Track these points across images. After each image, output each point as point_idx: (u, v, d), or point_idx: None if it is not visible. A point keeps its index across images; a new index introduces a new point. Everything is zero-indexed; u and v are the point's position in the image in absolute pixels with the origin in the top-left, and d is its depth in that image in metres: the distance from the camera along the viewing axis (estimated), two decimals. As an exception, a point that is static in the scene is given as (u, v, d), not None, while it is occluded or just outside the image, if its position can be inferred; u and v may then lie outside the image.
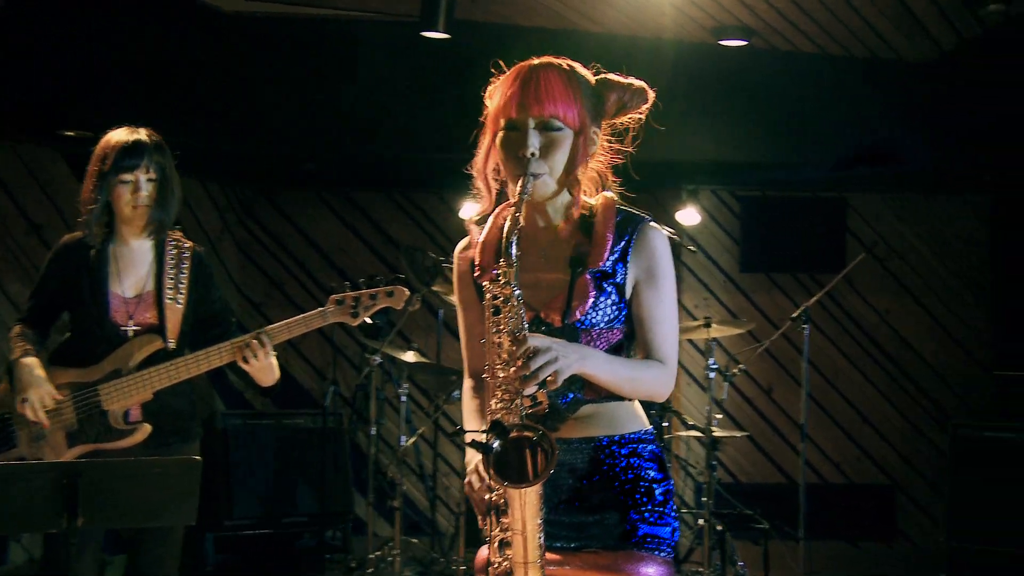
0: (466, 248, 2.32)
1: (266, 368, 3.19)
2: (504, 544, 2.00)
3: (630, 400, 2.20)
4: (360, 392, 6.62)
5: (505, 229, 2.02)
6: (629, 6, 5.57)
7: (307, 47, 6.15)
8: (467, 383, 2.35)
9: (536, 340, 1.95)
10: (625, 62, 2.25)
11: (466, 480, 2.12)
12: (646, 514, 2.14)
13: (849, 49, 6.02)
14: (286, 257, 7.40)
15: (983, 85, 6.15)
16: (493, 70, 2.25)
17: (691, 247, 6.37)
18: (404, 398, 5.98)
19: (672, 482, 2.21)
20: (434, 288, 5.55)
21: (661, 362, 2.16)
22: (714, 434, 5.39)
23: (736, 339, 6.67)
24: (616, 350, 2.17)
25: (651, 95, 2.24)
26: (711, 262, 7.28)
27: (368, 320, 3.18)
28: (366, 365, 5.96)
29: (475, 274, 2.24)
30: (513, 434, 1.93)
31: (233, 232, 7.46)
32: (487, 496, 2.03)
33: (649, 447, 2.21)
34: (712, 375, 5.54)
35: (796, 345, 6.80)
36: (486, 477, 2.00)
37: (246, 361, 3.13)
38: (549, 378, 1.95)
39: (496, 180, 2.24)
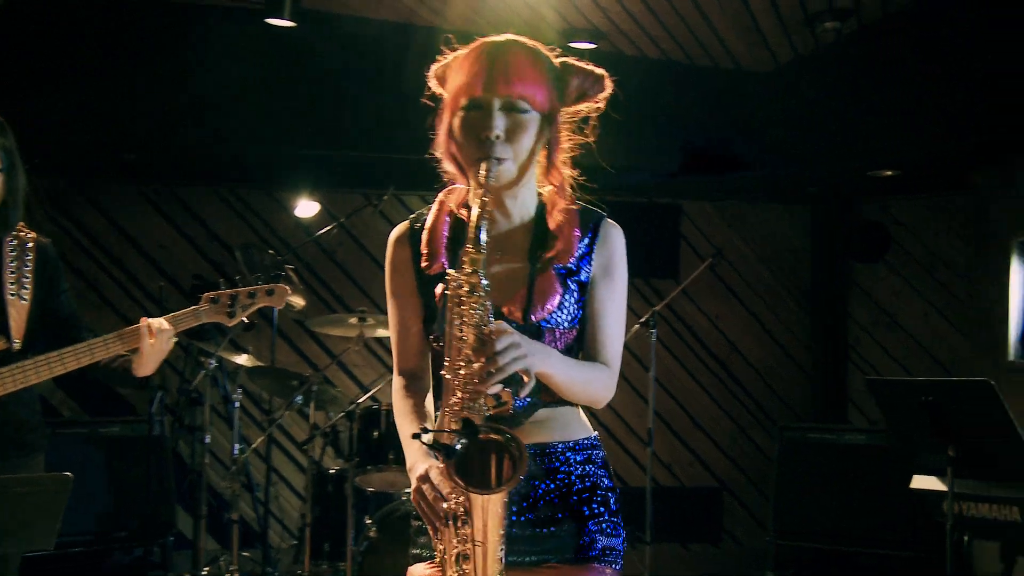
0: (405, 235, 2.14)
1: (164, 353, 2.91)
2: (462, 557, 1.83)
3: (576, 405, 2.08)
4: (183, 398, 6.24)
5: (473, 215, 1.85)
6: (480, 4, 5.47)
7: (130, 25, 5.73)
8: (397, 382, 2.17)
9: (505, 334, 1.80)
10: None
11: (414, 488, 1.93)
12: (603, 524, 2.03)
13: (692, 57, 6.11)
14: (102, 255, 6.88)
15: (812, 99, 6.38)
16: (445, 49, 2.08)
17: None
18: (237, 404, 5.65)
19: (619, 489, 2.10)
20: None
21: (607, 365, 2.05)
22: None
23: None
24: (569, 351, 2.04)
25: (609, 85, 2.09)
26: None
27: (246, 320, 2.93)
28: (198, 368, 5.59)
29: (421, 264, 2.06)
30: (482, 436, 1.77)
31: (40, 228, 6.87)
32: (444, 505, 1.84)
33: (601, 454, 2.10)
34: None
35: (632, 350, 6.85)
36: (444, 483, 1.83)
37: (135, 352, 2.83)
38: (524, 377, 1.81)
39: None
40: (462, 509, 1.81)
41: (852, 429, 6.65)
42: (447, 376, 1.85)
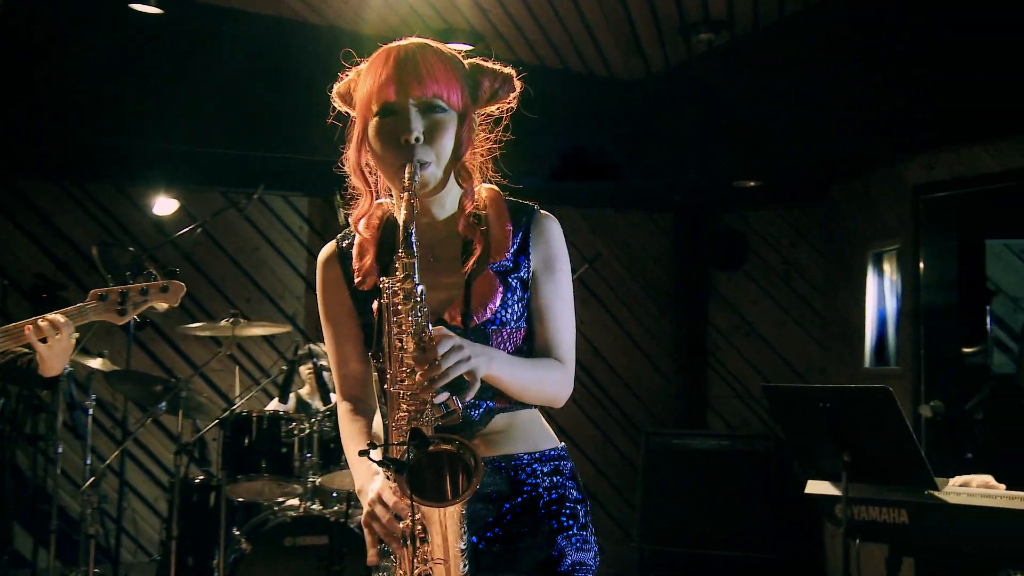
0: (333, 255, 2.03)
1: (68, 350, 2.70)
2: None
3: (532, 408, 1.99)
4: (22, 405, 5.83)
5: (401, 220, 1.75)
6: (359, 2, 5.32)
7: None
8: (342, 407, 2.05)
9: (446, 338, 1.71)
10: (347, 58, 2.03)
11: (366, 511, 1.79)
12: (573, 539, 1.93)
13: (567, 62, 6.11)
14: (-70, 251, 6.38)
15: (681, 108, 6.47)
16: (345, 63, 1.98)
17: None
18: (89, 412, 5.31)
19: (589, 502, 2.01)
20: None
21: (560, 362, 1.97)
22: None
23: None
24: (520, 351, 1.95)
25: (518, 85, 2.02)
26: (415, 270, 7.13)
27: (137, 319, 2.72)
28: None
29: (355, 282, 1.96)
30: (433, 447, 1.67)
31: None
32: (401, 525, 1.72)
33: (569, 464, 2.01)
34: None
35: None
36: (397, 502, 1.71)
37: (44, 341, 2.59)
38: (468, 380, 1.72)
39: (372, 175, 1.97)
40: (420, 527, 1.70)
41: (715, 434, 6.79)
42: (391, 390, 1.75)
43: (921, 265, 5.48)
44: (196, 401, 5.01)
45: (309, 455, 4.81)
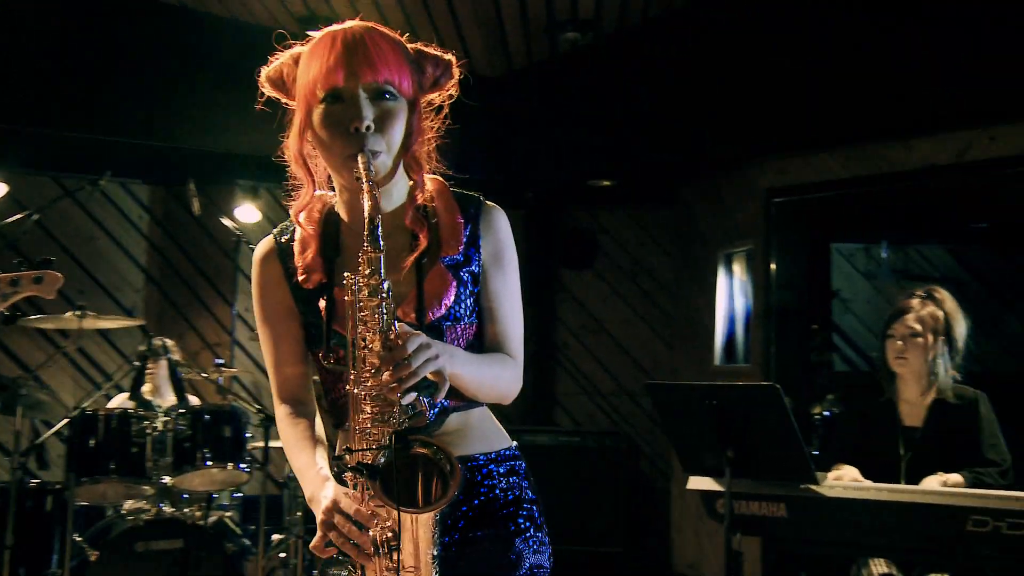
0: (272, 252, 1.91)
1: None
2: None
3: (483, 406, 1.92)
4: None
5: (365, 211, 1.65)
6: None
7: None
8: (281, 410, 1.92)
9: (413, 336, 1.62)
10: (201, 41, 1.94)
11: (321, 520, 1.68)
12: (530, 541, 1.88)
13: (429, 56, 6.04)
14: None
15: (538, 106, 6.50)
16: (278, 47, 1.87)
17: (251, 245, 5.96)
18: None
19: (541, 502, 1.95)
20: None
21: (512, 357, 1.91)
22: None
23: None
24: (471, 347, 1.88)
25: (457, 72, 1.95)
26: (264, 263, 6.90)
27: (5, 312, 2.50)
28: None
29: (299, 278, 1.84)
30: (415, 450, 1.60)
31: None
32: (372, 533, 1.62)
33: (523, 464, 1.95)
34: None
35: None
36: (358, 509, 1.62)
37: None
38: (437, 380, 1.65)
39: (314, 165, 1.86)
40: (389, 534, 1.61)
41: (564, 431, 6.86)
42: (354, 390, 1.66)
43: (772, 266, 5.67)
44: (35, 399, 4.69)
45: (162, 456, 4.59)
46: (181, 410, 4.68)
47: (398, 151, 1.80)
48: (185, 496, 4.90)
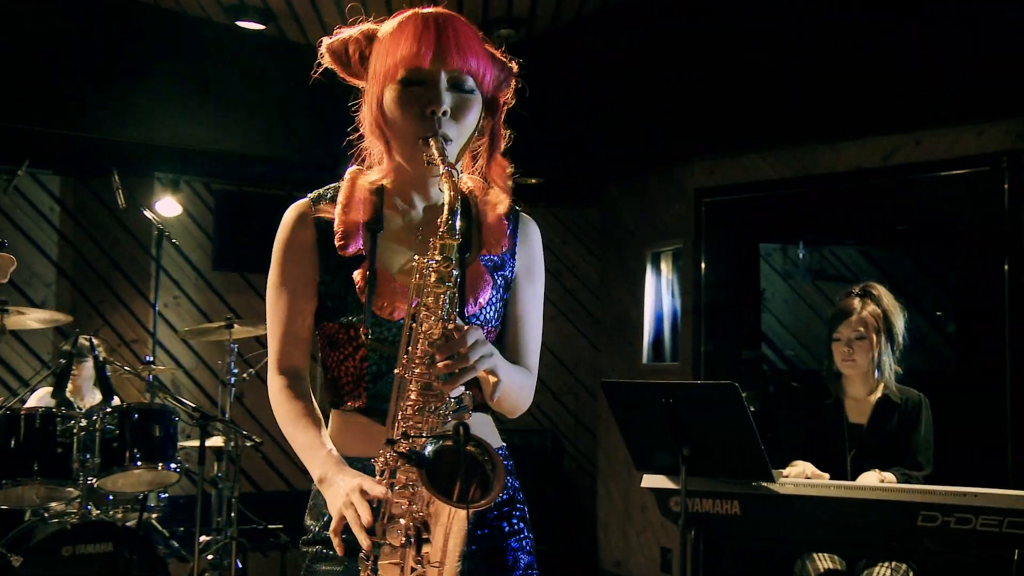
0: (308, 215, 1.84)
1: None
2: None
3: (489, 411, 1.88)
4: None
5: (446, 197, 1.62)
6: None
7: None
8: (278, 382, 1.83)
9: (472, 329, 1.59)
10: (125, 29, 1.90)
11: (343, 501, 1.60)
12: (523, 541, 1.87)
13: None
14: None
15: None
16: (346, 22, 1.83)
17: (174, 240, 5.81)
18: None
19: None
20: None
21: (529, 371, 1.88)
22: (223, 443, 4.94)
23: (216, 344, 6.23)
24: None
25: (513, 82, 1.91)
26: (183, 258, 6.72)
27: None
28: None
29: (336, 243, 1.78)
30: (470, 447, 1.55)
31: None
32: (402, 522, 1.57)
33: (511, 463, 1.93)
34: (232, 379, 5.07)
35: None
36: (390, 497, 1.57)
37: None
38: (491, 378, 1.63)
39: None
40: (421, 525, 1.57)
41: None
42: (403, 374, 1.61)
43: (702, 265, 5.75)
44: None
45: (88, 456, 4.42)
46: (108, 409, 4.52)
47: (465, 142, 1.78)
48: (111, 498, 4.75)
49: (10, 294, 6.51)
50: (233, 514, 4.86)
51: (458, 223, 1.62)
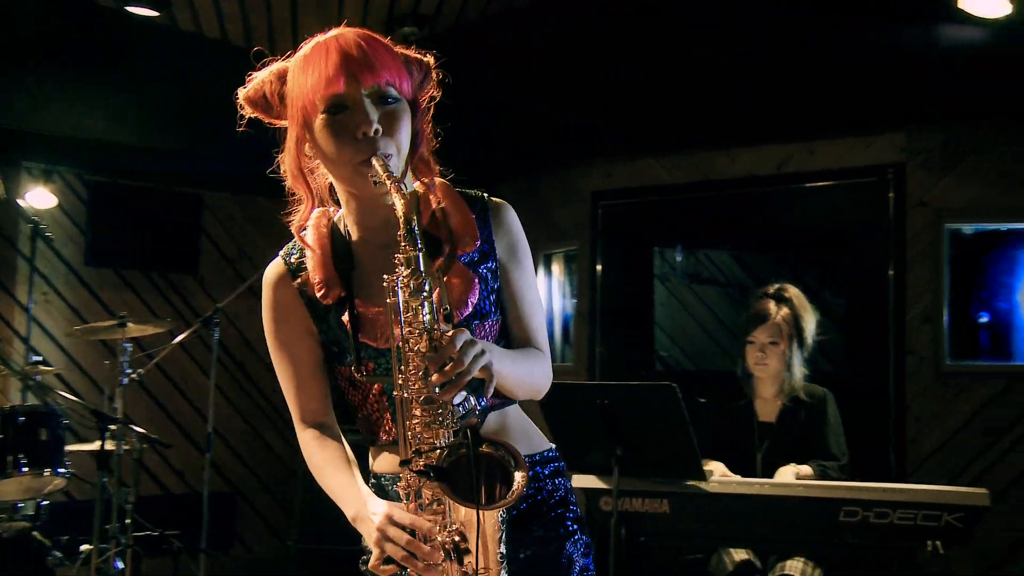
0: (284, 274, 1.86)
1: None
2: None
3: (515, 403, 1.88)
4: None
5: (398, 210, 1.59)
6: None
7: None
8: (307, 435, 1.86)
9: (459, 333, 1.58)
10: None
11: (377, 538, 1.61)
12: (579, 544, 1.86)
13: (254, 42, 5.79)
14: None
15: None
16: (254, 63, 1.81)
17: (49, 233, 5.53)
18: None
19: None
20: None
21: (540, 350, 1.89)
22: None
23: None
24: (497, 343, 1.84)
25: (434, 75, 1.91)
26: (54, 253, 6.39)
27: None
28: None
29: (317, 294, 1.79)
30: (484, 448, 1.57)
31: None
32: (439, 538, 1.57)
33: (563, 465, 1.93)
34: (125, 380, 4.85)
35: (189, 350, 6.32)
36: (415, 519, 1.58)
37: None
38: (483, 377, 1.61)
39: (314, 180, 1.82)
40: (457, 537, 1.56)
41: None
42: (401, 395, 1.61)
43: (598, 268, 5.83)
44: None
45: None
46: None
47: (407, 154, 1.76)
48: (-8, 506, 4.48)
49: None
50: (128, 520, 4.66)
51: (417, 232, 1.60)
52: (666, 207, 5.76)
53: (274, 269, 1.87)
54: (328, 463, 1.80)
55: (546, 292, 6.46)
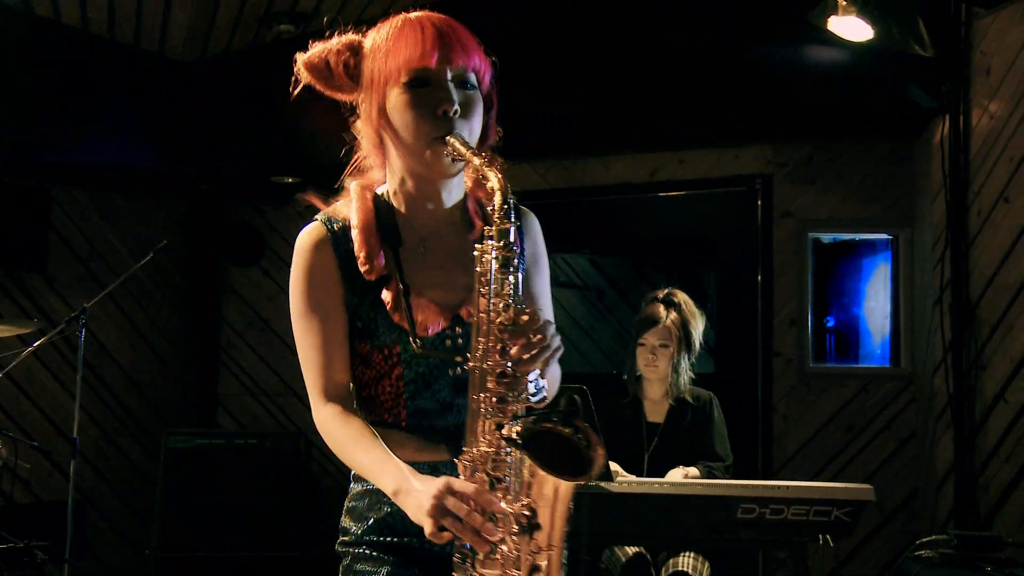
0: (326, 239, 1.82)
1: None
2: (535, 569, 1.58)
3: None
4: None
5: (494, 184, 1.61)
6: None
7: None
8: (328, 411, 1.79)
9: (539, 310, 1.65)
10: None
11: (432, 506, 1.56)
12: None
13: (117, 31, 5.56)
14: None
15: (230, 97, 6.22)
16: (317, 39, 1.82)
17: None
18: None
19: None
20: None
21: None
22: None
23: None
24: None
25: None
26: None
27: None
28: None
29: (361, 268, 1.78)
30: (578, 422, 1.58)
31: None
32: (509, 510, 1.57)
33: None
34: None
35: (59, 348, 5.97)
36: (483, 492, 1.57)
37: None
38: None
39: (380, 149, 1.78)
40: (528, 512, 1.57)
41: (241, 434, 6.62)
42: (478, 365, 1.61)
43: (474, 271, 5.87)
44: None
45: None
46: None
47: (475, 143, 1.77)
48: None
49: None
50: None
51: (513, 204, 1.63)
52: (539, 212, 5.83)
53: (314, 232, 1.82)
54: (357, 438, 1.75)
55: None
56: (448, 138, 1.69)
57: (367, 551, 1.80)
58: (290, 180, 6.68)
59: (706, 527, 3.46)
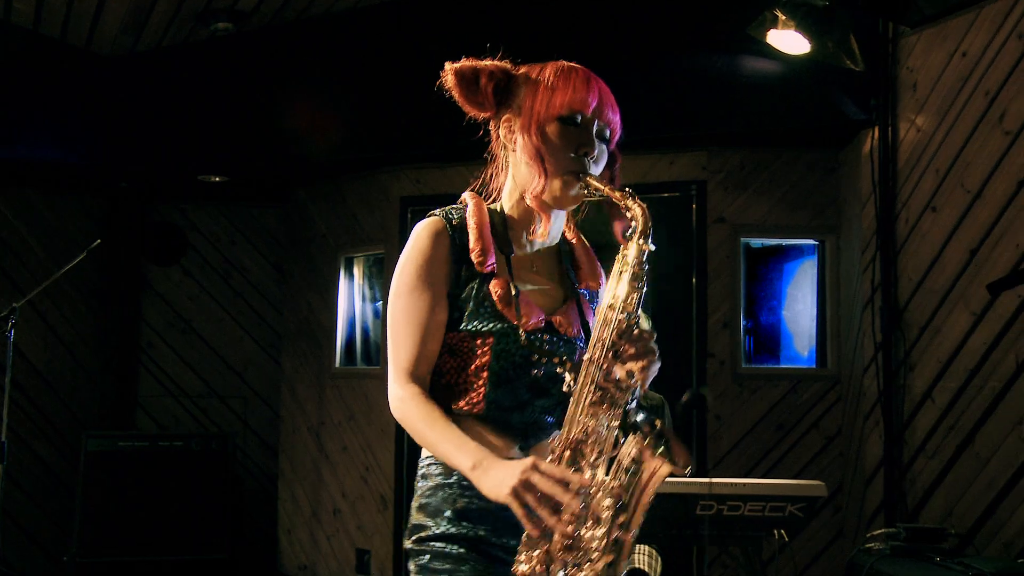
0: (445, 230, 1.96)
1: None
2: (615, 543, 1.72)
3: None
4: None
5: (639, 214, 1.82)
6: None
7: None
8: (410, 390, 1.88)
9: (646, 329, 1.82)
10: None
11: (519, 480, 1.67)
12: None
13: (43, 24, 5.41)
14: None
15: (157, 94, 6.11)
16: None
17: None
18: None
19: None
20: None
21: None
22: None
23: None
24: None
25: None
26: None
27: None
28: None
29: (473, 259, 1.93)
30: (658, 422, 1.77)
31: None
32: (607, 497, 1.71)
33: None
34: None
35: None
36: (569, 472, 1.70)
37: None
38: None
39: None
40: (621, 492, 1.71)
41: (166, 435, 6.50)
42: (592, 358, 1.79)
43: (410, 272, 5.88)
44: None
45: None
46: None
47: None
48: None
49: None
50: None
51: (651, 231, 1.82)
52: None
53: (433, 225, 1.96)
54: (437, 417, 1.84)
55: (347, 296, 6.44)
56: (587, 178, 1.89)
57: (445, 547, 1.87)
58: (217, 179, 6.58)
59: (666, 523, 3.57)
